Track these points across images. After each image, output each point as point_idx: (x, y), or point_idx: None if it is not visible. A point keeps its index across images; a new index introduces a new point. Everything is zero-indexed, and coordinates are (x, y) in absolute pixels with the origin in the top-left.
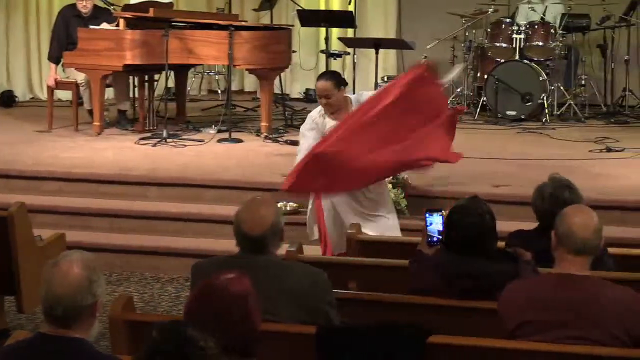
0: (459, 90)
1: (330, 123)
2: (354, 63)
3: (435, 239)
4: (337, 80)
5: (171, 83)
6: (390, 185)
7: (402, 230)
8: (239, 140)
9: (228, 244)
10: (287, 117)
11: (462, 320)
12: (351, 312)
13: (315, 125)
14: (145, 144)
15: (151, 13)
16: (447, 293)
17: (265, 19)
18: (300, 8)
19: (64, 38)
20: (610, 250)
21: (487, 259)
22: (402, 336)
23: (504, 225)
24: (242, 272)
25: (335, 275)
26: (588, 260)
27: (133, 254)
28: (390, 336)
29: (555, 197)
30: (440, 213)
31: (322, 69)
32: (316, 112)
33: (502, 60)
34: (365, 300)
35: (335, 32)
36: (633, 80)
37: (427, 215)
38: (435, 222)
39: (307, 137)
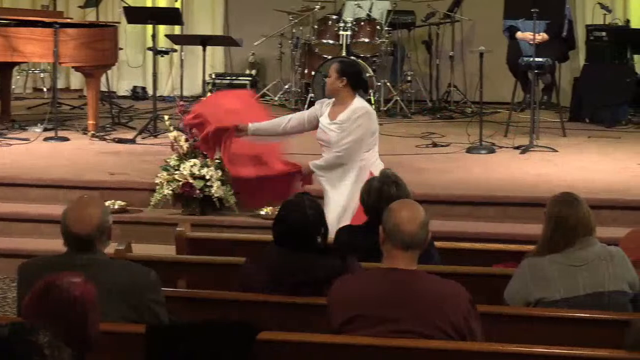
0: (287, 87)
1: (324, 114)
2: (182, 60)
3: None
4: (343, 69)
5: None
6: (218, 182)
7: (231, 227)
8: (66, 139)
9: (55, 244)
10: (114, 115)
11: (292, 316)
12: (181, 310)
13: (317, 109)
14: None
15: None
16: (276, 289)
17: (91, 16)
18: (126, 5)
19: None
20: (437, 243)
21: (314, 254)
22: (230, 333)
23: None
24: (86, 277)
25: (164, 273)
26: (415, 255)
27: None
28: (219, 333)
29: (381, 192)
30: None
31: (149, 66)
32: (327, 102)
33: (329, 57)
34: (195, 298)
35: (162, 29)
36: (458, 76)
37: None
38: None
39: (304, 114)
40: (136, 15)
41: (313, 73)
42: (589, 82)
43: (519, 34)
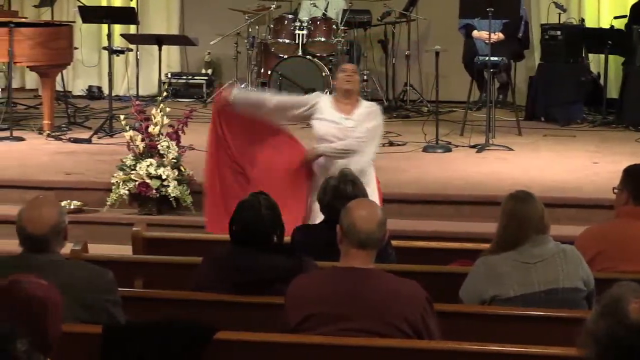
0: (243, 86)
1: (327, 108)
2: (137, 60)
3: None
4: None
5: None
6: (175, 182)
7: (187, 227)
8: (21, 139)
9: (10, 244)
10: (70, 114)
11: (247, 315)
12: (137, 310)
13: (312, 101)
14: None
15: None
16: (231, 288)
17: (46, 15)
18: (81, 4)
19: None
20: (393, 242)
21: (270, 253)
22: (186, 333)
23: None
24: (49, 281)
25: (121, 273)
26: (372, 253)
27: None
28: (175, 334)
29: (337, 190)
30: None
31: (105, 66)
32: (326, 98)
33: (286, 56)
34: (151, 298)
35: (118, 28)
36: (414, 75)
37: None
38: None
39: (291, 99)
40: (91, 14)
41: (269, 72)
42: (544, 81)
43: (475, 33)
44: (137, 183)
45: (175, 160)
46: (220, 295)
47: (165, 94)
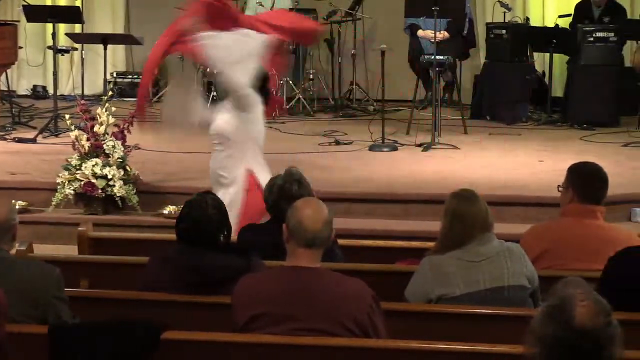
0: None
1: None
2: (82, 59)
3: None
4: None
5: None
6: (121, 182)
7: (133, 227)
8: None
9: None
10: (15, 114)
11: (195, 315)
12: (83, 310)
13: None
14: None
15: None
16: (179, 288)
17: None
18: (26, 3)
19: None
20: (340, 241)
21: (217, 252)
22: (134, 333)
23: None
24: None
25: (66, 273)
26: (319, 253)
27: None
28: (123, 333)
29: (283, 189)
30: None
31: (50, 65)
32: None
33: None
34: (97, 297)
35: (63, 27)
36: (360, 74)
37: None
38: None
39: None
40: (36, 13)
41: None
42: (489, 80)
43: (420, 32)
44: (82, 183)
45: (120, 160)
46: (171, 295)
47: (110, 93)
